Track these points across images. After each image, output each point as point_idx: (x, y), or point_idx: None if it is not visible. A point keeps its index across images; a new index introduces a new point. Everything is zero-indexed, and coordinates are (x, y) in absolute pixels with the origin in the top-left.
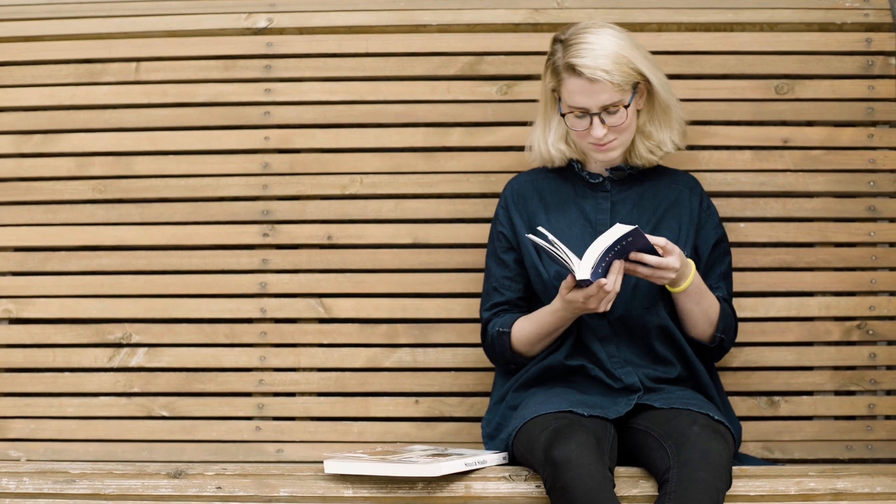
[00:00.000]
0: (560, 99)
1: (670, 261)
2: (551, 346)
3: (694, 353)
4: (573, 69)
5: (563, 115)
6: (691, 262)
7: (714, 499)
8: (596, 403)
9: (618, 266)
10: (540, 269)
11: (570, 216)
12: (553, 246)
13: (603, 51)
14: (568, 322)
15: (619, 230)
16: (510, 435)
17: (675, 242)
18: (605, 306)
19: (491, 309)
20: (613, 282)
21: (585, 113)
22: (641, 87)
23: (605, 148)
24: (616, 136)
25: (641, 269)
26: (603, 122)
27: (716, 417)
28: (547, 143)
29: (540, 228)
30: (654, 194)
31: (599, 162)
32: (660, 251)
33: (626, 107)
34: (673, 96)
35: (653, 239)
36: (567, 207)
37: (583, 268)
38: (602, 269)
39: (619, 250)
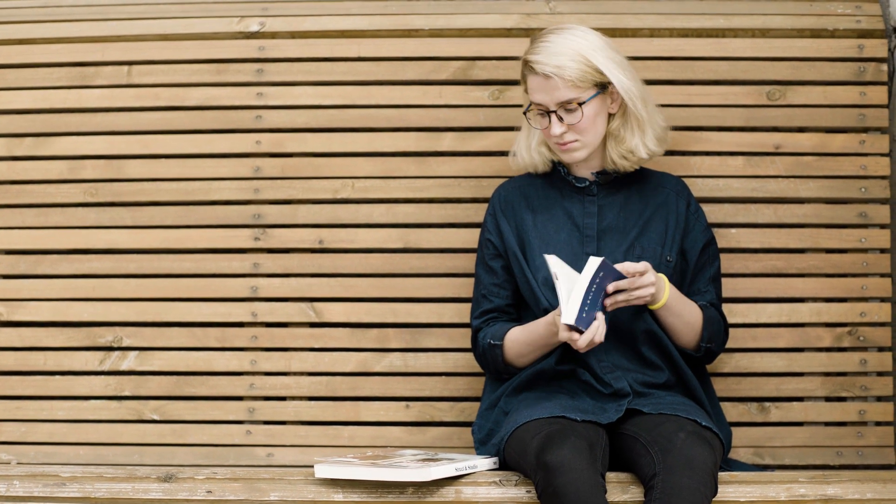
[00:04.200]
0: None
1: (642, 280)
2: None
3: (682, 359)
4: (528, 65)
5: (525, 114)
6: (664, 277)
7: None
8: (588, 409)
9: (601, 317)
10: (528, 277)
11: (558, 221)
12: (555, 280)
13: (559, 48)
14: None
15: (591, 266)
16: (502, 440)
17: (661, 246)
18: (586, 348)
19: (480, 317)
20: (602, 332)
21: (545, 111)
22: (612, 90)
23: (565, 148)
24: (577, 137)
25: (621, 298)
26: (561, 119)
27: (703, 423)
28: (530, 148)
29: (549, 259)
30: (641, 197)
31: (566, 163)
32: (628, 276)
33: (582, 104)
34: (644, 102)
35: (621, 266)
36: (554, 212)
37: (569, 312)
38: (587, 311)
39: (597, 286)
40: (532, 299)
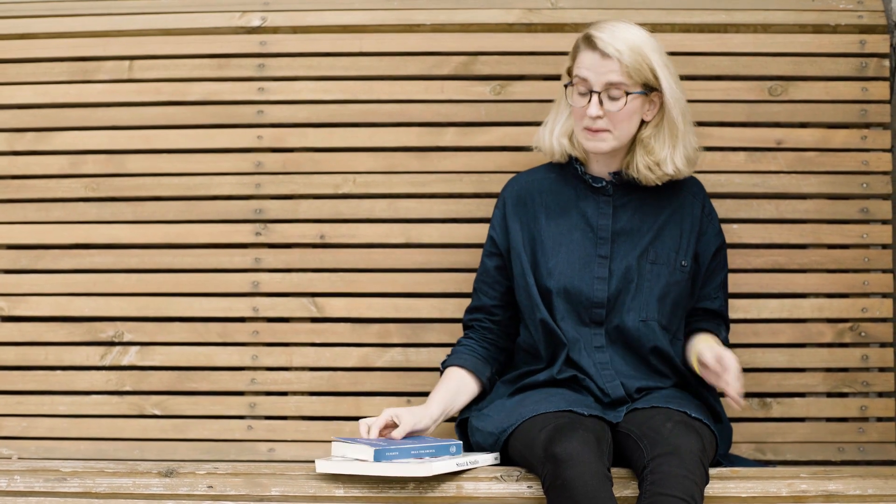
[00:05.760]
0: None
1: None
2: (542, 363)
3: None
4: (589, 40)
5: (566, 87)
6: (706, 337)
7: (688, 492)
8: (592, 405)
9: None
10: (529, 282)
11: (572, 220)
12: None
13: (625, 35)
14: None
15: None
16: (504, 432)
17: (676, 251)
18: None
19: (470, 312)
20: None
21: (588, 91)
22: (654, 97)
23: (594, 135)
24: (609, 127)
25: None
26: (601, 104)
27: (693, 415)
28: (553, 134)
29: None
30: (657, 200)
31: (588, 152)
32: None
33: (629, 94)
34: (684, 117)
35: (712, 356)
36: (568, 211)
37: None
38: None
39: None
40: (528, 308)
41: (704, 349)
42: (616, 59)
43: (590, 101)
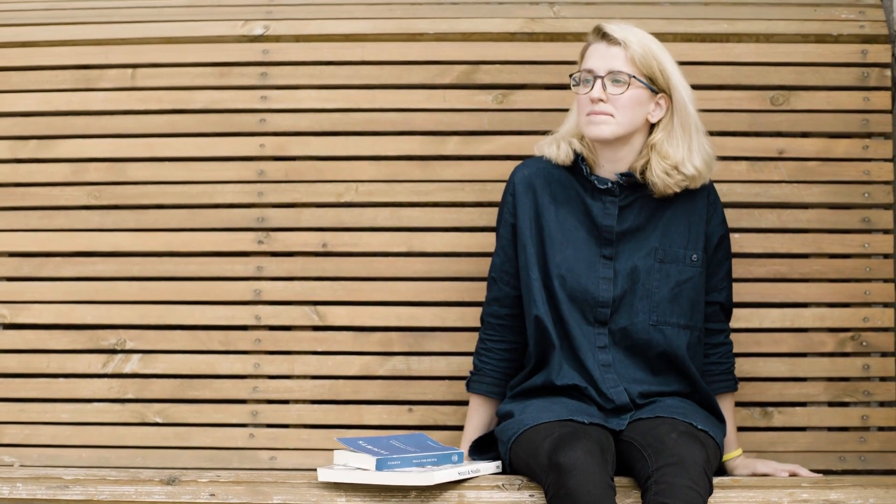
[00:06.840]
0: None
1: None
2: (542, 367)
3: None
4: (599, 31)
5: (571, 78)
6: (738, 453)
7: (692, 503)
8: (594, 413)
9: None
10: (531, 275)
11: (578, 217)
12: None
13: (635, 32)
14: None
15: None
16: (509, 439)
17: (684, 248)
18: None
19: (489, 304)
20: None
21: (593, 77)
22: (661, 99)
23: (595, 118)
24: (612, 113)
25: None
26: (604, 88)
27: (699, 427)
28: (561, 137)
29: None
30: (664, 198)
31: (590, 138)
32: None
33: (632, 77)
34: (696, 121)
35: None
36: (575, 207)
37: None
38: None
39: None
40: (528, 301)
41: (757, 468)
42: (622, 47)
43: (593, 86)
